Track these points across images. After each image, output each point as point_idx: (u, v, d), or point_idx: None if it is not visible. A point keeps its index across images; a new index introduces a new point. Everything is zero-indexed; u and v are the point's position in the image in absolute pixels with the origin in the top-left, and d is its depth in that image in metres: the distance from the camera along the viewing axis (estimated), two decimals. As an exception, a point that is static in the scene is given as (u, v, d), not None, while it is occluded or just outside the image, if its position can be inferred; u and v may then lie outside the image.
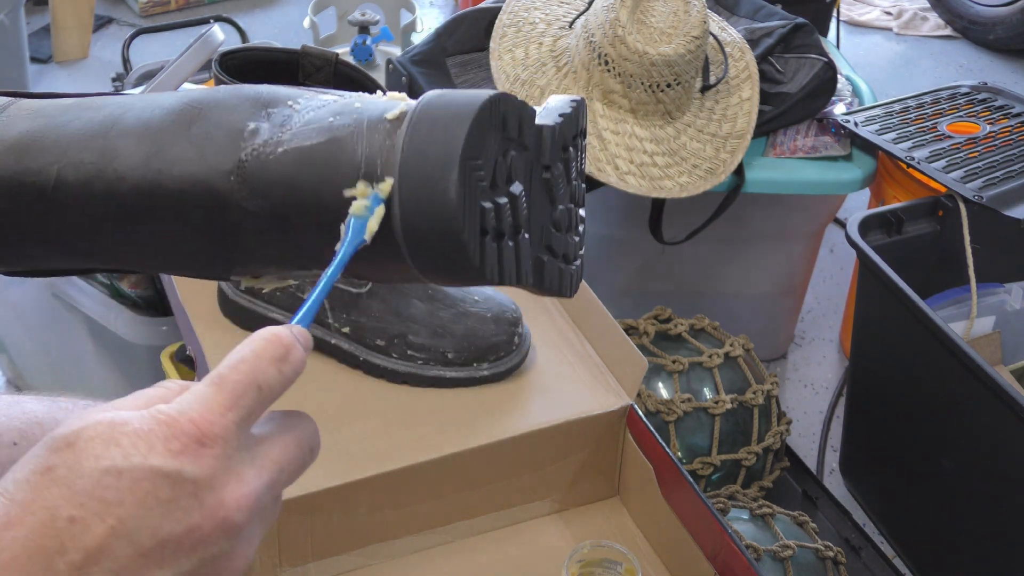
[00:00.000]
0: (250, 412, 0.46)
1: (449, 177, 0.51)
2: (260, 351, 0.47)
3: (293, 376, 0.47)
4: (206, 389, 0.45)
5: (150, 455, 0.43)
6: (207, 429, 0.44)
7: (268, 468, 0.46)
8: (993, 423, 1.18)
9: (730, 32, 1.56)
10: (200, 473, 0.43)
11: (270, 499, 0.47)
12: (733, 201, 1.49)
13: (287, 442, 0.48)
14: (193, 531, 0.43)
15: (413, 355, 0.97)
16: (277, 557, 0.89)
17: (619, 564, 0.89)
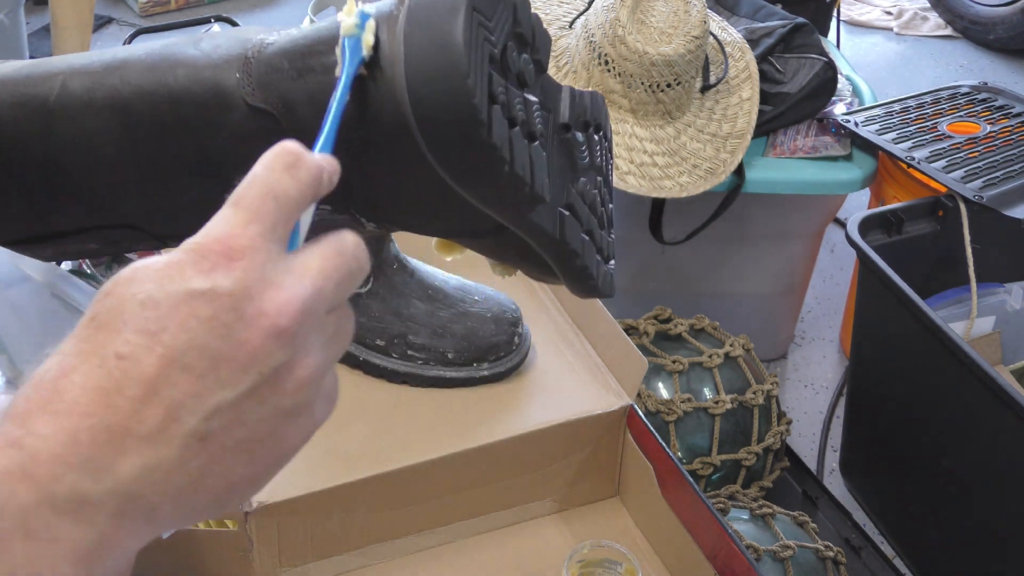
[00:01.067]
0: (273, 223, 0.45)
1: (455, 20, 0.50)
2: (270, 163, 0.46)
3: (310, 181, 0.47)
4: (225, 211, 0.45)
5: (182, 280, 0.42)
6: (232, 243, 0.43)
7: (309, 274, 0.45)
8: (993, 423, 1.18)
9: (730, 32, 1.56)
10: (234, 285, 0.43)
11: (321, 307, 0.45)
12: (733, 201, 1.49)
13: (325, 250, 0.46)
14: (243, 345, 0.42)
15: (413, 355, 0.97)
16: (277, 557, 0.89)
17: (619, 564, 0.89)
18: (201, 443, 0.42)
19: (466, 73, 0.50)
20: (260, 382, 0.43)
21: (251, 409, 0.43)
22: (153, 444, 0.42)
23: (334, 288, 0.46)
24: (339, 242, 0.47)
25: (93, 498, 0.41)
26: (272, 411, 0.44)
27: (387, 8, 0.55)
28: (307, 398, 0.45)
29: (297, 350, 0.44)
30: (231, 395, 0.42)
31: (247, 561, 0.88)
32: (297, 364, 0.44)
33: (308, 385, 0.45)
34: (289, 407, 0.44)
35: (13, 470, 0.40)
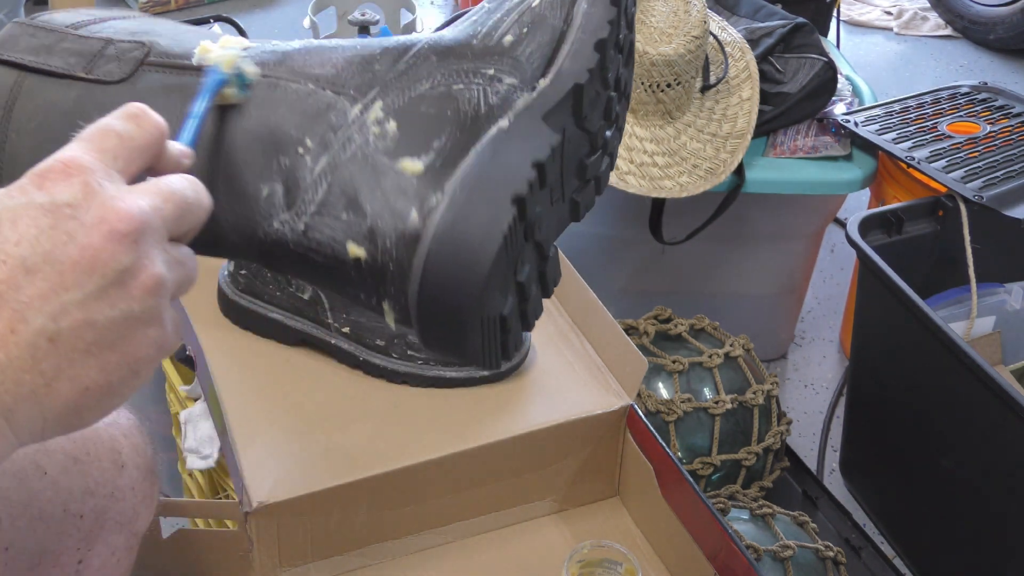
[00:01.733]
0: (114, 154, 0.48)
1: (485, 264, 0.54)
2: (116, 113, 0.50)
3: (153, 131, 0.50)
4: (70, 143, 0.48)
5: (22, 195, 0.45)
6: (71, 163, 0.46)
7: (147, 191, 0.48)
8: (993, 423, 1.18)
9: (730, 32, 1.56)
10: (72, 196, 0.45)
11: (161, 223, 0.48)
12: (733, 201, 1.49)
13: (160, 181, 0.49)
14: (85, 248, 0.45)
15: (413, 355, 0.97)
16: (277, 557, 0.89)
17: (619, 564, 0.89)
18: (51, 343, 0.44)
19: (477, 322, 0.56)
20: (106, 284, 0.45)
21: (99, 311, 0.45)
22: (2, 345, 0.43)
23: (173, 211, 0.48)
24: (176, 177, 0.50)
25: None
26: (120, 314, 0.46)
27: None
28: (156, 306, 0.47)
29: (141, 255, 0.46)
30: (77, 295, 0.45)
31: (247, 561, 0.88)
32: (141, 269, 0.46)
33: (154, 292, 0.47)
34: (137, 313, 0.46)
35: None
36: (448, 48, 0.60)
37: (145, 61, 0.59)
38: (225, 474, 1.12)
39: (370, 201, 0.56)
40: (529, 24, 0.60)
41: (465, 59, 0.60)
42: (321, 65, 0.60)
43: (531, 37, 0.60)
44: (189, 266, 0.50)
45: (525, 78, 0.60)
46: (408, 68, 0.59)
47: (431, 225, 0.55)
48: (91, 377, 0.46)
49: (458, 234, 0.54)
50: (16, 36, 0.59)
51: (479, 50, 0.60)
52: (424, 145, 0.57)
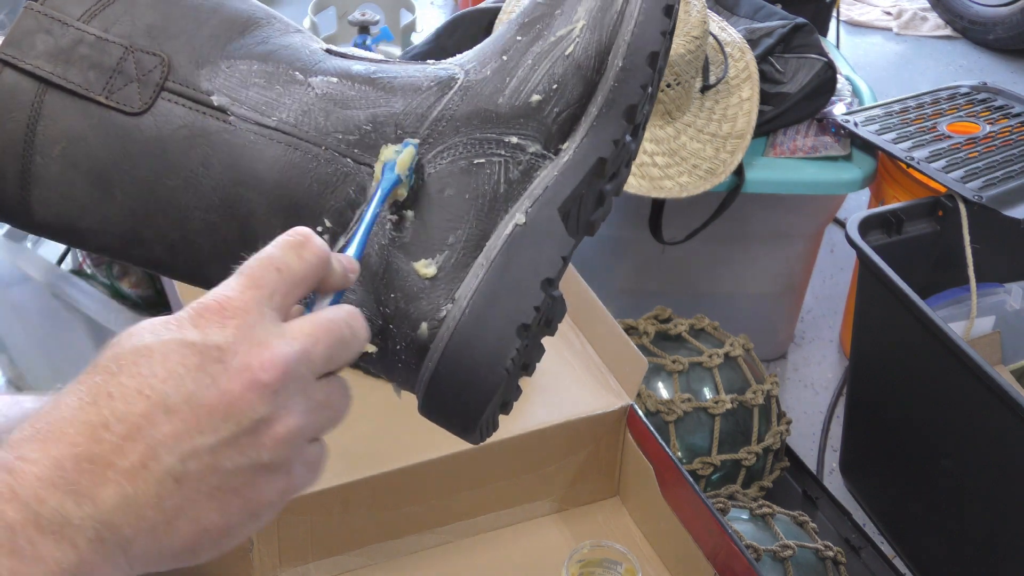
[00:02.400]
0: (272, 291, 0.48)
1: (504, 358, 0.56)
2: (279, 242, 0.49)
3: (315, 262, 0.49)
4: (230, 279, 0.48)
5: (178, 331, 0.46)
6: (228, 304, 0.47)
7: (297, 337, 0.47)
8: (993, 423, 1.18)
9: (730, 32, 1.56)
10: (223, 340, 0.46)
11: (308, 369, 0.48)
12: (733, 201, 1.49)
13: (318, 317, 0.49)
14: (225, 394, 0.45)
15: (413, 355, 0.97)
16: (277, 557, 0.89)
17: (619, 564, 0.89)
18: (176, 483, 0.45)
19: (489, 400, 0.57)
20: (239, 432, 0.46)
21: (228, 457, 0.46)
22: (132, 478, 0.44)
23: (323, 352, 0.48)
24: (335, 311, 0.50)
25: (74, 521, 0.43)
26: (248, 463, 0.46)
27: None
28: (285, 456, 0.47)
29: (279, 407, 0.46)
30: (210, 441, 0.45)
31: (247, 561, 0.88)
32: (277, 420, 0.46)
33: (286, 443, 0.47)
34: (266, 461, 0.47)
35: (3, 491, 0.43)
36: (474, 111, 0.59)
37: (164, 86, 0.58)
38: (225, 474, 1.11)
39: (384, 302, 0.57)
40: (560, 78, 0.59)
41: (490, 123, 0.59)
42: (344, 123, 0.58)
43: (560, 95, 0.59)
44: (336, 407, 0.50)
45: (549, 141, 0.59)
46: (431, 133, 0.59)
47: (440, 342, 0.56)
48: (211, 519, 0.46)
49: (465, 360, 0.56)
50: (32, 33, 0.57)
51: (505, 113, 0.59)
52: (439, 243, 0.57)
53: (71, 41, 0.58)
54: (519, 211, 0.58)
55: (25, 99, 0.57)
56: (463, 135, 0.59)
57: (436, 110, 0.59)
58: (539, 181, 0.59)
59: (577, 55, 0.59)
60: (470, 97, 0.59)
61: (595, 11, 0.59)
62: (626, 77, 0.59)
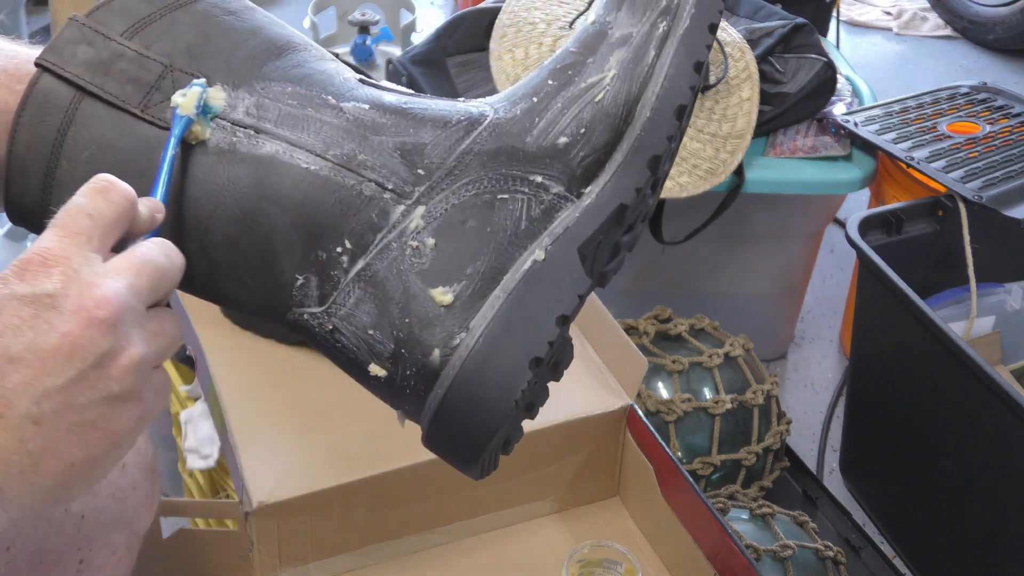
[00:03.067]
0: (88, 236, 0.50)
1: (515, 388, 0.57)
2: (84, 190, 0.52)
3: (124, 204, 0.52)
4: (44, 233, 0.50)
5: (6, 287, 0.48)
6: (48, 254, 0.49)
7: (121, 272, 0.50)
8: (993, 423, 1.18)
9: (730, 32, 1.56)
10: (52, 287, 0.48)
11: (138, 301, 0.50)
12: (733, 201, 1.49)
13: (133, 252, 0.51)
14: (65, 336, 0.47)
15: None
16: (277, 557, 0.89)
17: (619, 564, 0.89)
18: (35, 426, 0.47)
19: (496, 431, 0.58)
20: (85, 368, 0.48)
21: (80, 393, 0.48)
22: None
23: (148, 282, 0.51)
24: (147, 244, 0.52)
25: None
26: (100, 396, 0.49)
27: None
28: (134, 384, 0.50)
29: (119, 338, 0.49)
30: (59, 381, 0.47)
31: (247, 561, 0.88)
32: (120, 351, 0.49)
33: (133, 372, 0.49)
34: (117, 392, 0.49)
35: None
36: (501, 147, 0.59)
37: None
38: (225, 474, 1.12)
39: (398, 326, 0.57)
40: (588, 123, 0.60)
41: (516, 161, 0.59)
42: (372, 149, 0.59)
43: (587, 139, 0.60)
44: (170, 334, 0.52)
45: (573, 183, 0.60)
46: (458, 165, 0.59)
47: (451, 370, 0.56)
48: (75, 454, 0.49)
49: (475, 388, 0.57)
50: (74, 43, 0.58)
51: (532, 152, 0.59)
52: (458, 272, 0.58)
53: (112, 54, 0.59)
54: (539, 247, 0.58)
55: (60, 104, 0.58)
56: (489, 170, 0.59)
57: (464, 143, 0.60)
58: (560, 221, 0.59)
59: (606, 103, 0.60)
60: (498, 134, 0.60)
61: (627, 62, 0.60)
62: (653, 127, 0.60)
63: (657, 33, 0.61)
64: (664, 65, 0.60)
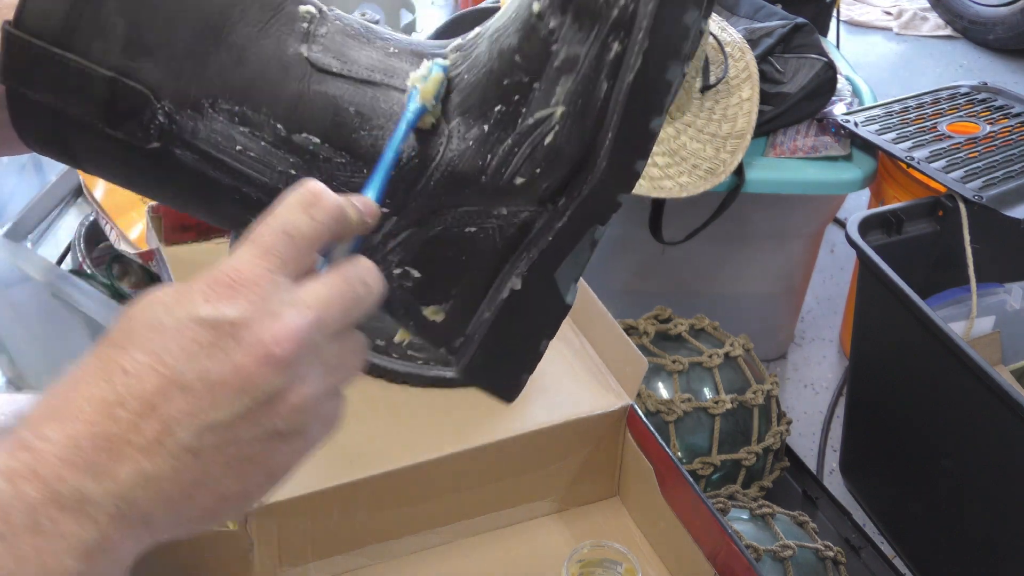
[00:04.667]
0: (283, 259, 0.48)
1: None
2: (288, 201, 0.49)
3: (327, 221, 0.49)
4: (240, 248, 0.48)
5: (191, 307, 0.46)
6: (238, 277, 0.47)
7: (310, 305, 0.47)
8: (993, 423, 1.18)
9: (730, 32, 1.56)
10: (236, 315, 0.46)
11: (322, 336, 0.48)
12: (733, 201, 1.49)
13: (329, 280, 0.49)
14: (239, 370, 0.45)
15: (413, 355, 0.97)
16: (277, 557, 0.89)
17: (619, 564, 0.89)
18: (194, 458, 0.46)
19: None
20: (253, 406, 0.46)
21: (244, 430, 0.46)
22: (148, 455, 0.45)
23: (338, 315, 0.48)
24: (349, 268, 0.50)
25: (94, 498, 0.44)
26: (264, 433, 0.47)
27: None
28: (301, 423, 0.48)
29: (293, 378, 0.47)
30: (225, 415, 0.46)
31: (247, 561, 0.88)
32: (291, 391, 0.47)
33: (302, 411, 0.48)
34: (282, 430, 0.47)
35: (22, 471, 0.43)
36: (458, 185, 0.57)
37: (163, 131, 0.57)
38: (225, 474, 1.11)
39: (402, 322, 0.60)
40: (542, 163, 0.56)
41: (477, 196, 0.58)
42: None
43: (545, 176, 0.57)
44: (349, 364, 0.50)
45: (544, 202, 0.58)
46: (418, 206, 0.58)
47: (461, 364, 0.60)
48: (229, 487, 0.47)
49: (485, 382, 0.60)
50: None
51: (489, 190, 0.57)
52: (444, 294, 0.59)
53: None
54: (515, 273, 0.58)
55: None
56: (451, 207, 0.58)
57: (419, 185, 0.57)
58: (536, 234, 0.58)
59: (559, 144, 0.56)
60: (452, 174, 0.58)
61: (575, 95, 0.54)
62: (613, 174, 0.56)
63: (609, 57, 0.53)
64: (619, 102, 0.54)
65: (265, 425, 0.47)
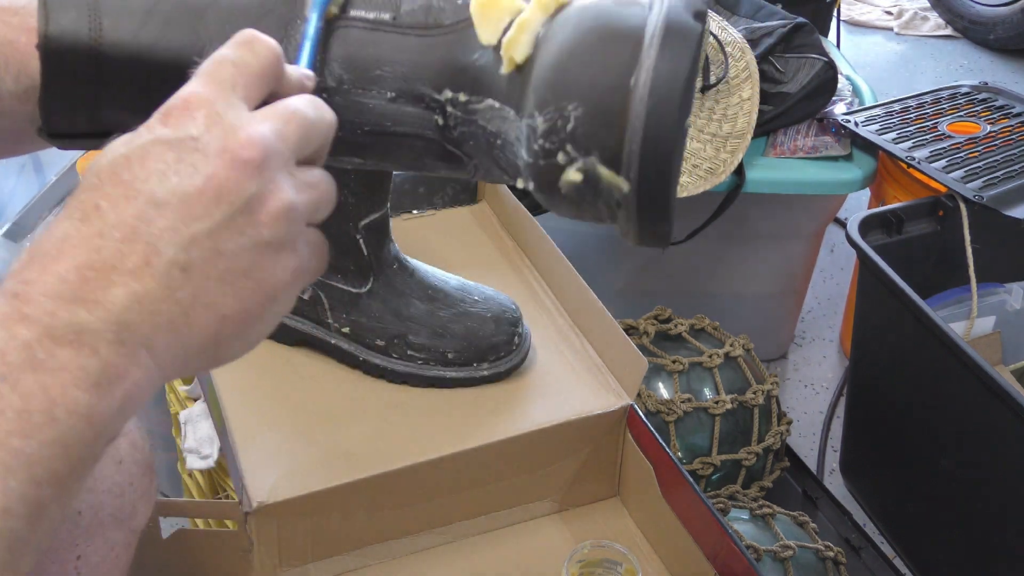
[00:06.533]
0: (232, 83, 0.48)
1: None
2: (229, 42, 0.50)
3: (269, 55, 0.50)
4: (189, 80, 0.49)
5: (147, 134, 0.46)
6: (192, 97, 0.47)
7: (268, 118, 0.48)
8: (993, 423, 1.18)
9: (730, 32, 1.56)
10: (196, 130, 0.46)
11: (285, 147, 0.48)
12: (733, 201, 1.49)
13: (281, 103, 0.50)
14: (211, 179, 0.46)
15: (413, 355, 0.97)
16: (277, 557, 0.89)
17: (619, 564, 0.89)
18: (184, 273, 0.45)
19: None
20: (233, 212, 0.46)
21: (229, 239, 0.46)
22: (137, 276, 0.45)
23: (296, 131, 0.49)
24: (296, 98, 0.50)
25: (90, 327, 0.44)
26: (250, 241, 0.47)
27: None
28: (286, 232, 0.48)
29: (267, 183, 0.47)
30: (206, 225, 0.46)
31: (247, 561, 0.88)
32: (268, 195, 0.47)
33: (283, 218, 0.47)
34: (267, 238, 0.47)
35: (12, 314, 0.44)
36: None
37: None
38: (225, 474, 1.12)
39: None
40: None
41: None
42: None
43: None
44: (322, 188, 0.51)
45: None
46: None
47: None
48: (227, 304, 0.47)
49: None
50: None
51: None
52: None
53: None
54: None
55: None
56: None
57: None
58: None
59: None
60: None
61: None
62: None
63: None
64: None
65: (249, 233, 0.47)
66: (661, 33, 0.53)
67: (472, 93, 0.59)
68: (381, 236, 0.96)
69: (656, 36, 0.53)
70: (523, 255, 1.16)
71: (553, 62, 0.55)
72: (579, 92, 0.53)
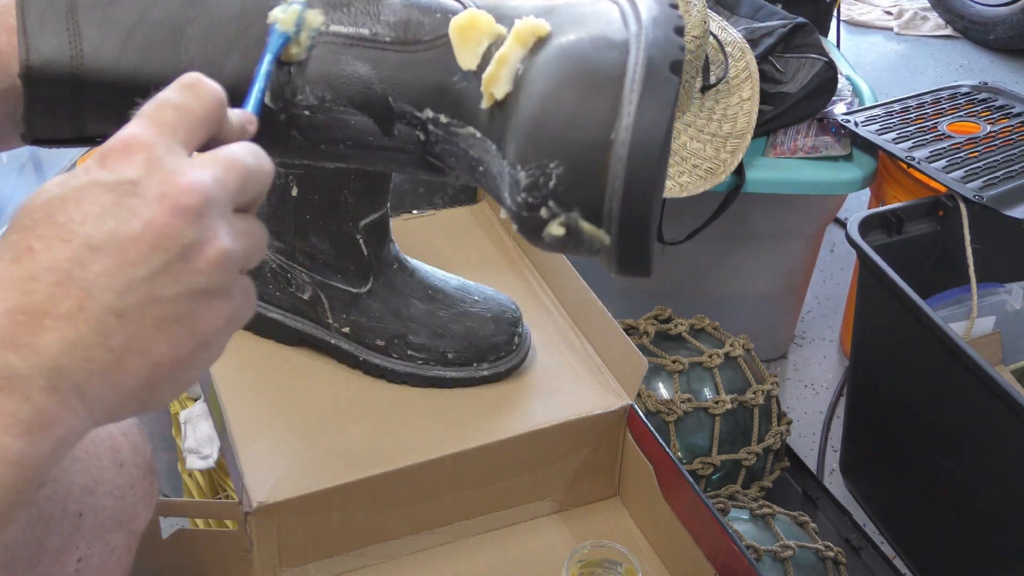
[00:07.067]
0: (173, 127, 0.48)
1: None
2: (172, 85, 0.50)
3: (212, 99, 0.50)
4: (130, 122, 0.48)
5: (84, 176, 0.46)
6: (132, 140, 0.46)
7: (208, 165, 0.48)
8: (993, 423, 1.18)
9: (730, 32, 1.56)
10: (135, 174, 0.46)
11: (223, 195, 0.48)
12: (733, 201, 1.49)
13: (220, 150, 0.49)
14: (149, 224, 0.45)
15: (413, 355, 0.97)
16: (277, 557, 0.89)
17: (619, 564, 0.89)
18: (118, 319, 0.45)
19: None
20: (170, 259, 0.45)
21: (164, 286, 0.45)
22: (71, 322, 0.44)
23: (235, 179, 0.48)
24: (235, 146, 0.50)
25: (21, 372, 0.43)
26: (186, 289, 0.46)
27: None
28: (221, 280, 0.47)
29: (205, 230, 0.46)
30: (142, 272, 0.45)
31: (247, 561, 0.88)
32: (206, 243, 0.46)
33: (220, 265, 0.47)
34: (204, 286, 0.47)
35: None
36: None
37: None
38: (225, 474, 1.12)
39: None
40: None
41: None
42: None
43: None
44: (257, 236, 0.50)
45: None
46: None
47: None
48: (160, 351, 0.46)
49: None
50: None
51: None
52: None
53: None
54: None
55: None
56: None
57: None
58: None
59: None
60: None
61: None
62: None
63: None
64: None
65: (185, 281, 0.46)
66: (640, 89, 0.53)
67: (453, 116, 0.59)
68: (381, 236, 0.96)
69: (635, 91, 0.53)
70: (523, 255, 1.16)
71: (533, 114, 0.55)
72: (560, 151, 0.54)
